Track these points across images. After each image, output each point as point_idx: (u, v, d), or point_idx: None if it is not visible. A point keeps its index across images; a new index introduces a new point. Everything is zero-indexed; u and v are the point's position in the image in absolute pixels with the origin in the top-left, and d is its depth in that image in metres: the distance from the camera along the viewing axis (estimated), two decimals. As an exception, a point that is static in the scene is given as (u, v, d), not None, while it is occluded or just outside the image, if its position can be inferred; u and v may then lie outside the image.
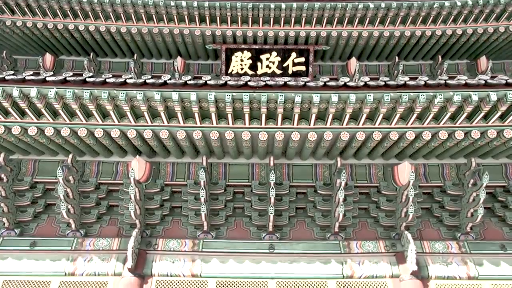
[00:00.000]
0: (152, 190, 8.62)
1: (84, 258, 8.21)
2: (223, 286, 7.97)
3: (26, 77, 7.04)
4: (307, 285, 8.01)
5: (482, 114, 7.29)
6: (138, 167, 8.05)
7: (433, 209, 8.84)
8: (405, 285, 7.87)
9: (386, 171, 8.68)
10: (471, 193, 8.19)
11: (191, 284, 8.01)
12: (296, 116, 7.33)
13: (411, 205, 8.05)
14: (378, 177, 8.74)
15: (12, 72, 7.20)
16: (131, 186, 7.93)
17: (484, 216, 8.30)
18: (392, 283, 8.01)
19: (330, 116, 7.34)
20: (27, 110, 7.30)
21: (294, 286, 7.99)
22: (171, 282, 8.03)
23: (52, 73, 7.38)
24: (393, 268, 8.14)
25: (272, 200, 8.11)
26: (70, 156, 8.27)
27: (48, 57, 10.76)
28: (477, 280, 8.02)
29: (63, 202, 8.03)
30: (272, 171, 8.03)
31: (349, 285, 8.02)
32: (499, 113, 7.28)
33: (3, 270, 8.04)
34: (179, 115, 7.38)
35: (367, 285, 8.02)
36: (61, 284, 7.94)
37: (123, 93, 7.01)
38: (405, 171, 8.05)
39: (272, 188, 8.03)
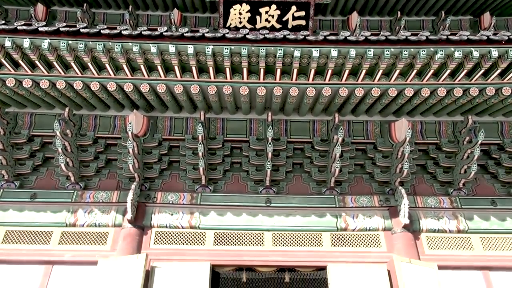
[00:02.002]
0: (150, 145, 8.67)
1: (84, 210, 8.39)
2: (221, 237, 8.22)
3: (18, 27, 6.84)
4: (302, 237, 8.28)
5: (482, 71, 7.25)
6: (135, 121, 8.04)
7: (427, 166, 8.99)
8: (396, 238, 8.16)
9: (383, 127, 8.72)
10: (466, 150, 8.30)
11: (189, 235, 8.26)
12: (295, 71, 7.26)
13: (406, 162, 8.18)
14: (375, 133, 8.81)
15: (3, 22, 6.99)
16: (129, 140, 7.96)
17: (477, 173, 8.47)
18: (384, 235, 8.29)
19: (329, 72, 7.28)
20: (20, 62, 7.18)
21: (290, 238, 8.25)
22: (170, 233, 8.27)
23: (44, 23, 7.20)
24: (386, 221, 8.40)
25: (270, 155, 8.20)
26: (67, 109, 8.22)
27: (40, 8, 10.40)
28: (466, 234, 8.32)
29: (61, 156, 8.09)
30: (270, 127, 8.05)
31: (342, 237, 8.29)
32: (499, 71, 7.25)
33: (4, 221, 8.22)
34: (176, 68, 7.28)
35: (360, 237, 8.31)
36: (63, 235, 8.16)
37: (119, 45, 6.87)
38: (402, 128, 8.10)
39: (270, 143, 8.09)
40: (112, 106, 8.45)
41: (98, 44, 6.85)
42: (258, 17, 10.26)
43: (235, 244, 8.14)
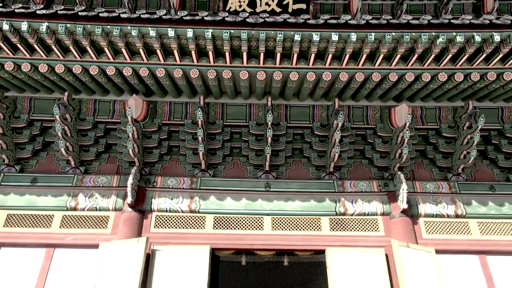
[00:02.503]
0: (149, 129, 8.67)
1: (85, 194, 8.44)
2: (221, 221, 8.29)
3: (16, 10, 6.77)
4: (301, 221, 8.35)
5: (484, 56, 7.20)
6: (135, 105, 8.03)
7: (427, 151, 9.01)
8: (395, 222, 8.24)
9: (383, 113, 8.71)
10: (466, 136, 8.30)
11: (189, 219, 8.33)
12: (295, 56, 7.21)
13: (406, 147, 8.20)
14: (375, 118, 8.79)
15: (1, 5, 6.92)
16: (129, 124, 7.96)
17: (476, 158, 8.49)
18: (382, 220, 8.36)
19: (330, 56, 7.23)
20: (19, 45, 7.12)
21: (289, 222, 8.33)
22: (170, 217, 8.34)
23: (42, 6, 7.12)
24: (385, 206, 8.47)
25: (269, 140, 8.21)
26: (66, 94, 8.20)
27: (37, -10, 10.27)
28: (464, 218, 8.39)
29: (61, 140, 8.11)
30: (270, 112, 8.04)
31: (341, 221, 8.37)
32: (500, 55, 7.19)
33: (6, 204, 8.28)
34: (175, 52, 7.23)
35: (358, 222, 8.38)
36: (64, 218, 8.23)
37: (117, 29, 6.81)
38: (402, 113, 8.09)
39: (270, 128, 8.09)
40: (111, 90, 8.42)
41: (97, 28, 6.79)
42: (258, 1, 10.13)
43: (235, 228, 8.22)
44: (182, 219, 8.33)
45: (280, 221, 8.34)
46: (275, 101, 8.63)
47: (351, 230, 8.27)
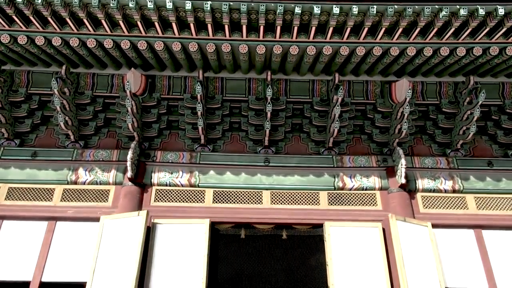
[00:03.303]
0: (148, 104, 8.63)
1: (85, 168, 8.49)
2: (220, 196, 8.38)
3: (10, -20, 6.63)
4: (300, 195, 8.44)
5: (487, 29, 7.09)
6: (133, 79, 7.96)
7: (426, 127, 9.00)
8: (392, 197, 8.33)
9: (384, 88, 8.65)
10: (466, 111, 8.28)
11: (189, 193, 8.41)
12: (296, 29, 7.10)
13: (406, 122, 8.19)
14: (375, 94, 8.74)
15: (-5, -25, 6.75)
16: (128, 99, 7.92)
17: (475, 134, 8.50)
18: (380, 195, 8.45)
19: (331, 30, 7.11)
20: (14, 17, 6.99)
21: (287, 196, 8.42)
22: (170, 191, 8.42)
23: (37, -24, 6.94)
24: (383, 181, 8.53)
25: (269, 115, 8.19)
26: (64, 67, 8.11)
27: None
28: (461, 194, 8.47)
29: (60, 114, 8.09)
30: (269, 86, 7.99)
31: (339, 196, 8.45)
32: (504, 29, 7.08)
33: (7, 178, 8.34)
34: (174, 25, 7.11)
35: (356, 196, 8.46)
36: (65, 192, 8.30)
37: (114, 0, 6.67)
38: (402, 88, 8.03)
39: (269, 103, 8.06)
40: (110, 64, 8.33)
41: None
42: (258, -28, 9.89)
43: (234, 202, 8.32)
44: (182, 193, 8.40)
45: (279, 195, 8.43)
46: (275, 76, 8.55)
47: (349, 204, 8.36)
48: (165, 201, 8.31)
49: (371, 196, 8.47)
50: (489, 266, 7.84)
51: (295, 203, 8.35)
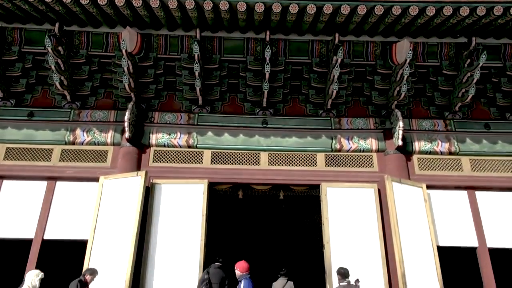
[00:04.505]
0: (145, 64, 8.48)
1: (82, 129, 8.47)
2: (218, 157, 8.43)
3: None
4: (297, 157, 8.50)
5: (491, -12, 6.92)
6: (129, 38, 7.77)
7: (425, 89, 8.94)
8: (389, 159, 8.41)
9: (384, 49, 8.51)
10: (466, 73, 8.19)
11: (187, 154, 8.45)
12: (295, -14, 6.88)
13: (405, 84, 8.13)
14: (375, 55, 8.60)
15: None
16: (124, 58, 7.77)
17: (474, 97, 8.47)
18: (377, 156, 8.53)
19: (331, -13, 6.91)
20: (3, -29, 6.74)
21: (285, 158, 8.49)
22: (168, 152, 8.45)
23: None
24: (380, 143, 8.59)
25: (267, 76, 8.09)
26: (57, 25, 7.89)
27: None
28: (457, 156, 8.56)
29: (55, 74, 7.96)
30: (268, 46, 7.83)
31: (337, 157, 8.53)
32: (509, -12, 6.90)
33: (4, 138, 8.34)
34: (170, -19, 6.87)
35: (353, 158, 8.54)
36: (63, 152, 8.33)
37: (108, -47, 6.40)
38: (403, 49, 7.90)
39: (267, 63, 7.94)
40: (104, 22, 8.10)
41: (85, -48, 6.37)
42: None
43: (232, 163, 8.38)
44: (180, 154, 8.44)
45: (277, 156, 8.49)
46: (274, 36, 8.37)
47: (346, 166, 8.45)
48: (164, 161, 8.36)
49: (368, 158, 8.54)
50: (480, 226, 8.06)
51: (292, 164, 8.43)
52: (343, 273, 6.01)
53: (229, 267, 6.79)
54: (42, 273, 5.83)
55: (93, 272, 6.32)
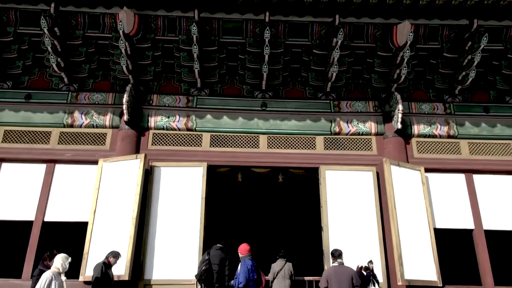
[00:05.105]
0: (143, 45, 8.37)
1: (80, 111, 8.43)
2: (217, 139, 8.43)
3: None
4: (296, 140, 8.50)
5: (495, -31, 6.79)
6: (126, 19, 7.66)
7: (426, 72, 8.89)
8: (388, 142, 8.43)
9: (385, 31, 8.40)
10: (467, 56, 8.13)
11: (186, 137, 8.44)
12: (296, -34, 6.74)
13: (405, 67, 8.08)
14: (375, 37, 8.50)
15: None
16: (121, 40, 7.67)
17: (474, 80, 8.42)
18: (376, 140, 8.55)
19: (333, -33, 6.77)
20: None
21: (284, 141, 8.49)
22: (167, 135, 8.44)
23: None
24: (379, 126, 8.59)
25: (266, 58, 8.01)
26: (53, 5, 7.74)
27: None
28: (455, 139, 8.59)
29: (52, 55, 7.87)
30: (267, 28, 7.73)
31: (336, 141, 8.54)
32: (513, -31, 6.78)
33: (1, 120, 8.30)
34: (167, -40, 6.72)
35: (352, 141, 8.55)
36: (62, 135, 8.30)
37: None
38: (404, 31, 7.81)
39: (267, 45, 7.85)
40: (101, 2, 7.94)
41: None
42: None
43: (231, 146, 8.39)
44: (179, 136, 8.43)
45: (276, 139, 8.49)
46: (273, 17, 8.22)
47: (344, 149, 8.47)
48: (163, 144, 8.36)
49: (366, 141, 8.55)
50: (477, 208, 8.15)
51: (291, 147, 8.44)
52: (336, 255, 6.26)
53: (230, 249, 6.89)
54: (70, 257, 5.93)
55: (116, 255, 6.53)
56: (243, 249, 6.69)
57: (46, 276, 5.52)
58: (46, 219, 7.75)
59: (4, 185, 7.93)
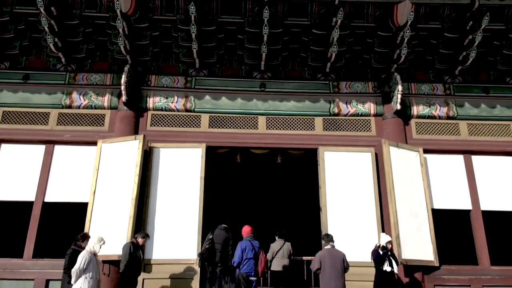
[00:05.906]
0: (141, 25, 8.27)
1: (79, 92, 8.40)
2: (216, 120, 8.42)
3: None
4: (295, 121, 8.50)
5: None
6: (123, -2, 7.55)
7: (426, 52, 8.81)
8: (387, 123, 8.42)
9: (385, 10, 8.28)
10: (468, 36, 8.04)
11: (185, 118, 8.43)
12: None
13: (405, 47, 8.00)
14: (375, 17, 8.38)
15: None
16: (118, 19, 7.58)
17: (474, 60, 8.35)
18: (375, 121, 8.54)
19: None
20: None
21: (283, 122, 8.48)
22: (166, 116, 8.42)
23: None
24: (378, 107, 8.56)
25: (265, 38, 7.93)
26: (49, -16, 7.64)
27: None
28: (454, 120, 8.58)
29: (49, 35, 7.79)
30: (266, 7, 7.62)
31: (334, 121, 8.52)
32: None
33: (0, 101, 8.26)
34: None
35: (351, 122, 8.54)
36: (60, 116, 8.29)
37: None
38: (404, 10, 7.70)
39: (266, 25, 7.76)
40: (97, -19, 7.85)
41: None
42: None
43: (230, 127, 8.38)
44: (178, 117, 8.42)
45: (275, 120, 8.48)
46: (273, -4, 8.13)
47: (343, 130, 8.46)
48: (161, 125, 8.35)
49: (366, 122, 8.54)
50: (475, 189, 8.19)
51: (290, 128, 8.43)
52: (328, 238, 6.53)
53: (232, 229, 7.09)
54: (104, 240, 6.01)
55: (144, 236, 6.69)
56: (244, 231, 7.08)
57: (84, 255, 5.67)
58: (46, 200, 7.81)
59: (4, 166, 7.97)
